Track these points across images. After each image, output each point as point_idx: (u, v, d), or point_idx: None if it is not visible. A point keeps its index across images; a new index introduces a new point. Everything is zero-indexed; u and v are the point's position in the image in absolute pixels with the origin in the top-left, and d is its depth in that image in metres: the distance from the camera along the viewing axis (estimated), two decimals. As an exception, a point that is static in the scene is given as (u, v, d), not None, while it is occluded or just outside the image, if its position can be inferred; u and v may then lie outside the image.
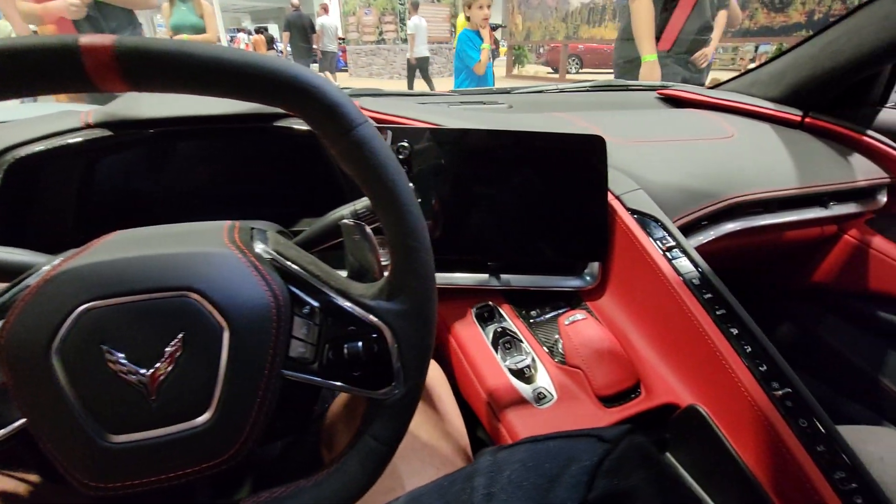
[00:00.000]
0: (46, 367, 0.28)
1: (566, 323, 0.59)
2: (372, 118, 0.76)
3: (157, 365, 0.30)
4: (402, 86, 7.43)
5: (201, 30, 2.64)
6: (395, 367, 0.36)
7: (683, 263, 0.56)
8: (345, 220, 0.42)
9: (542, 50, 13.12)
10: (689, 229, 0.72)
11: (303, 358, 0.35)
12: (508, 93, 1.18)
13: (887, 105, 1.00)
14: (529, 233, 0.64)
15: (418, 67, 6.75)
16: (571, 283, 0.66)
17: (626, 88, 1.29)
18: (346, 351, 0.36)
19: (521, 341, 0.60)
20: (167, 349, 0.30)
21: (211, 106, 0.59)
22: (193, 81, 0.28)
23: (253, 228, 0.40)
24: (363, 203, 0.49)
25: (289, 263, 0.37)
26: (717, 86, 1.18)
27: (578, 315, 0.59)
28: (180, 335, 0.31)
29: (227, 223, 0.39)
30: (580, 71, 12.11)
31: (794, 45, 1.01)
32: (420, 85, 6.53)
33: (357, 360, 0.36)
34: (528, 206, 0.64)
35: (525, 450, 0.37)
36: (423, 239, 0.35)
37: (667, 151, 0.80)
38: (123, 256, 0.31)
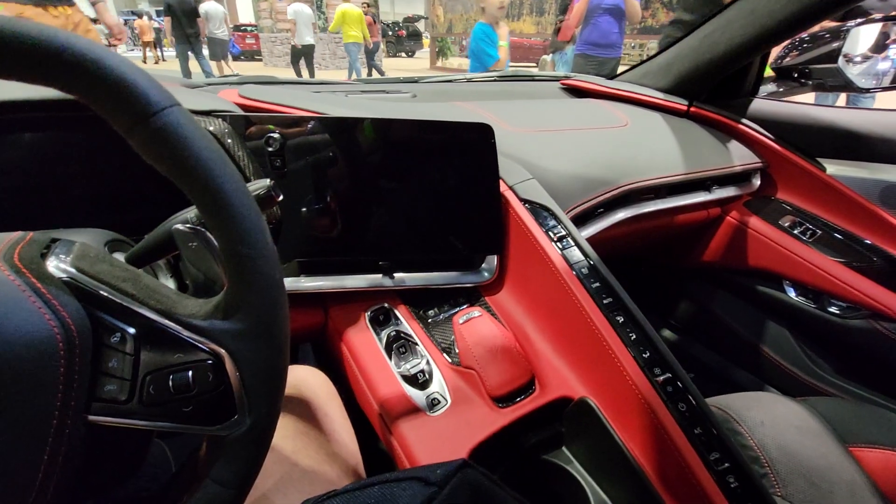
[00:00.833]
0: None
1: (460, 322, 0.56)
2: (252, 108, 0.68)
3: None
4: (323, 76, 7.17)
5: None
6: (236, 398, 0.31)
7: (574, 253, 0.56)
8: (177, 226, 0.36)
9: (464, 42, 13.22)
10: (585, 217, 0.72)
11: (115, 397, 0.29)
12: (416, 82, 1.14)
13: (758, 96, 1.09)
14: (423, 227, 0.61)
15: (303, 54, 6.72)
16: (469, 278, 0.63)
17: (532, 79, 1.30)
18: (171, 383, 0.30)
19: (417, 344, 0.57)
20: None
21: (16, 90, 0.48)
22: None
23: (55, 240, 0.32)
24: None
25: (91, 282, 0.30)
26: (614, 76, 1.22)
27: (474, 312, 0.57)
28: None
29: (15, 235, 0.31)
30: (502, 64, 12.36)
31: (679, 37, 1.06)
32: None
33: (187, 392, 0.30)
34: (419, 199, 0.60)
35: (340, 501, 0.33)
36: (259, 244, 0.30)
37: (565, 140, 0.81)
38: None
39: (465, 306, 0.62)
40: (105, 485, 0.35)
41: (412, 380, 0.52)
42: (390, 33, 14.62)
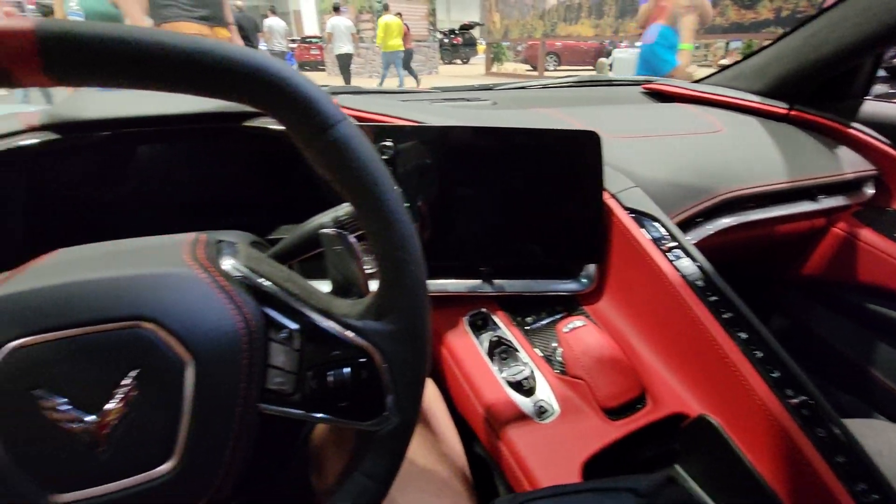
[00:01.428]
0: None
1: (565, 330, 0.55)
2: (351, 117, 0.72)
3: (106, 409, 0.26)
4: (358, 83, 7.53)
5: (116, 20, 2.08)
6: (386, 396, 0.33)
7: (685, 264, 0.54)
8: (324, 230, 0.38)
9: (519, 48, 13.17)
10: (683, 227, 0.69)
11: (282, 389, 0.31)
12: (491, 89, 1.15)
13: (868, 97, 1.00)
14: (522, 234, 0.61)
15: (339, 64, 7.30)
16: (567, 286, 0.63)
17: (610, 83, 1.27)
18: (330, 379, 0.32)
19: (518, 350, 0.57)
20: (118, 390, 0.26)
21: (172, 104, 0.53)
22: (135, 74, 0.23)
23: (221, 241, 0.36)
24: (345, 209, 0.45)
25: (262, 281, 0.32)
26: (700, 80, 1.17)
27: (578, 322, 0.56)
28: (133, 373, 0.26)
29: (190, 236, 0.35)
30: (558, 68, 12.20)
31: (777, 38, 1.00)
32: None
33: (343, 388, 0.32)
34: (520, 206, 0.60)
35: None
36: (413, 250, 0.31)
37: (657, 147, 0.78)
38: (61, 282, 0.27)
39: (562, 314, 0.62)
40: (264, 473, 0.38)
41: (517, 386, 0.53)
42: (446, 41, 14.81)
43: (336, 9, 7.36)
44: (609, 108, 0.97)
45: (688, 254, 0.55)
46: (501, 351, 0.56)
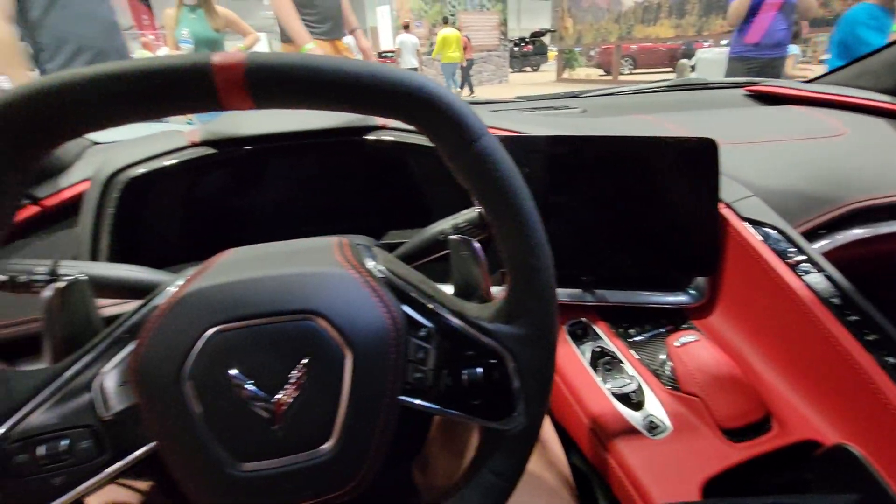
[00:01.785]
0: (178, 392, 0.28)
1: (676, 345, 0.53)
2: None
3: (283, 391, 0.29)
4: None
5: (218, 45, 2.25)
6: (515, 397, 0.34)
7: (816, 279, 0.50)
8: (452, 236, 0.40)
9: (592, 52, 12.82)
10: (806, 239, 0.64)
11: (420, 384, 0.33)
12: (577, 96, 1.13)
13: None
14: (628, 244, 0.60)
15: None
16: (675, 298, 0.60)
17: (707, 86, 1.20)
18: (465, 377, 0.33)
19: (623, 362, 0.55)
20: (292, 375, 0.29)
21: (304, 121, 0.59)
22: (316, 96, 0.27)
23: (358, 244, 0.39)
24: (464, 217, 0.47)
25: (401, 282, 0.35)
26: (814, 79, 1.08)
27: (689, 336, 0.54)
28: (304, 361, 0.29)
29: (335, 239, 0.38)
30: (633, 72, 11.72)
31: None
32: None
33: (476, 387, 0.34)
34: (626, 215, 0.59)
35: None
36: (546, 258, 0.32)
37: (769, 153, 0.73)
38: (249, 277, 0.31)
39: (668, 328, 0.60)
40: (397, 462, 0.40)
41: (624, 399, 0.51)
42: (516, 49, 14.79)
43: (406, 27, 7.64)
44: (711, 113, 0.92)
45: (819, 267, 0.51)
46: (605, 362, 0.55)
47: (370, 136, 0.60)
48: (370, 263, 0.35)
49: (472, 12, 11.05)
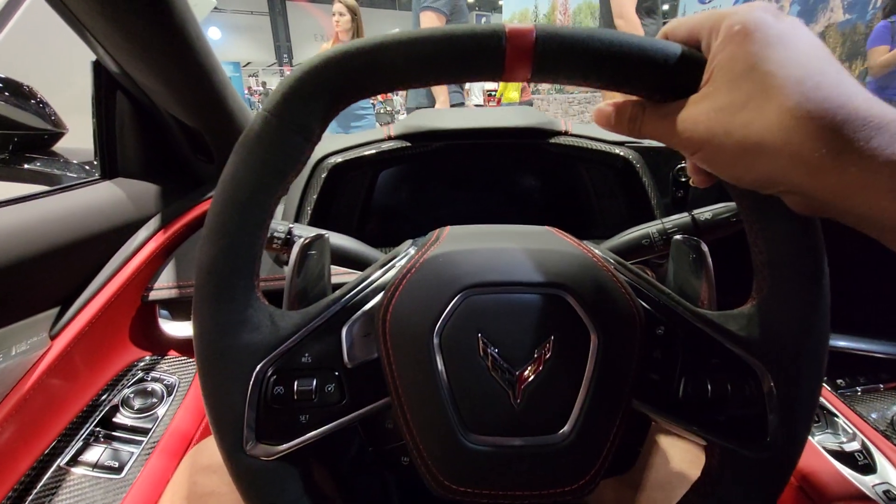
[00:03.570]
0: (426, 349, 0.27)
1: (920, 402, 0.44)
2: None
3: (526, 366, 0.27)
4: None
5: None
6: (770, 421, 0.29)
7: None
8: (676, 237, 0.37)
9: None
10: None
11: (657, 387, 0.30)
12: None
13: None
14: (851, 285, 0.51)
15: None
16: None
17: None
18: (710, 388, 0.29)
19: (837, 416, 0.47)
20: (537, 350, 0.28)
21: (496, 120, 0.61)
22: (592, 71, 0.25)
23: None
24: (673, 222, 0.43)
25: (630, 274, 0.32)
26: None
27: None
28: (552, 337, 0.28)
29: (546, 227, 0.37)
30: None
31: None
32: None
33: (724, 402, 0.29)
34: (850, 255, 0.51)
35: None
36: (825, 263, 0.28)
37: None
38: (500, 246, 0.30)
39: (890, 381, 0.50)
40: (615, 471, 0.36)
41: (846, 458, 0.43)
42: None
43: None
44: None
45: None
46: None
47: (554, 140, 0.60)
48: (597, 251, 0.33)
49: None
